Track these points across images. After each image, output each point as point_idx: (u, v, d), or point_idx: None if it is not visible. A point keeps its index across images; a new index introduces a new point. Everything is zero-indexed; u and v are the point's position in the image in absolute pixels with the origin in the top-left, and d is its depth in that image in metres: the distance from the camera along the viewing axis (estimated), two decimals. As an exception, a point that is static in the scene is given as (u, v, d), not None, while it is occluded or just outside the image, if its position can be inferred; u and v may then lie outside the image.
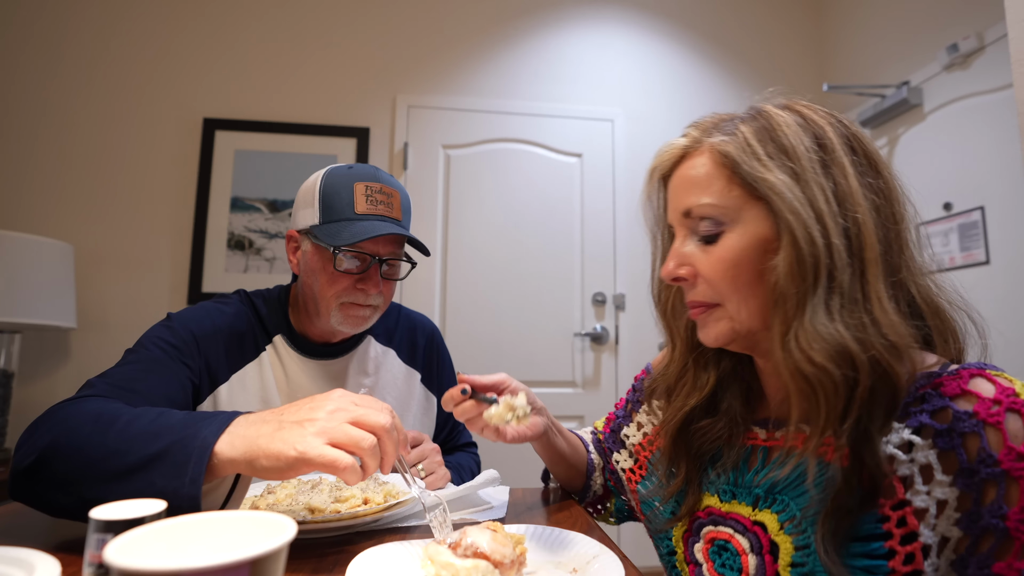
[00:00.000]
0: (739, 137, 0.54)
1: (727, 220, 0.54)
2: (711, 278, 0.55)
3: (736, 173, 0.53)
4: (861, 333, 0.48)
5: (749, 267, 0.53)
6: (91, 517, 0.41)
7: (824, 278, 0.49)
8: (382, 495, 0.71)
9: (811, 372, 0.48)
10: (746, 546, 0.55)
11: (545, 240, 2.48)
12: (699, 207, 0.55)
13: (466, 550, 0.49)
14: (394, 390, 1.03)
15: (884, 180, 0.53)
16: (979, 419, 0.44)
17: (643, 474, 0.73)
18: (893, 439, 0.48)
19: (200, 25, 2.40)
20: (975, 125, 1.97)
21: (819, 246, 0.49)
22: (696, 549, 0.60)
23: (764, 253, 0.52)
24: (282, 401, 0.93)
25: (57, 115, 2.26)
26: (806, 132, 0.53)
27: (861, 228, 0.50)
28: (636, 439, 0.77)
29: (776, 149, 0.52)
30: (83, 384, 0.74)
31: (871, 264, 0.50)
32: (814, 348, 0.48)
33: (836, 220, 0.50)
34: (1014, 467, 0.43)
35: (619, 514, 0.86)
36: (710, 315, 0.57)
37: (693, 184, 0.56)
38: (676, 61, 2.69)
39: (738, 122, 0.56)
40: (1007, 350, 1.81)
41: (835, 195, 0.51)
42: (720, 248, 0.54)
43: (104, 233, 2.23)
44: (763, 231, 0.53)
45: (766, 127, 0.54)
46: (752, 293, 0.54)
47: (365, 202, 0.88)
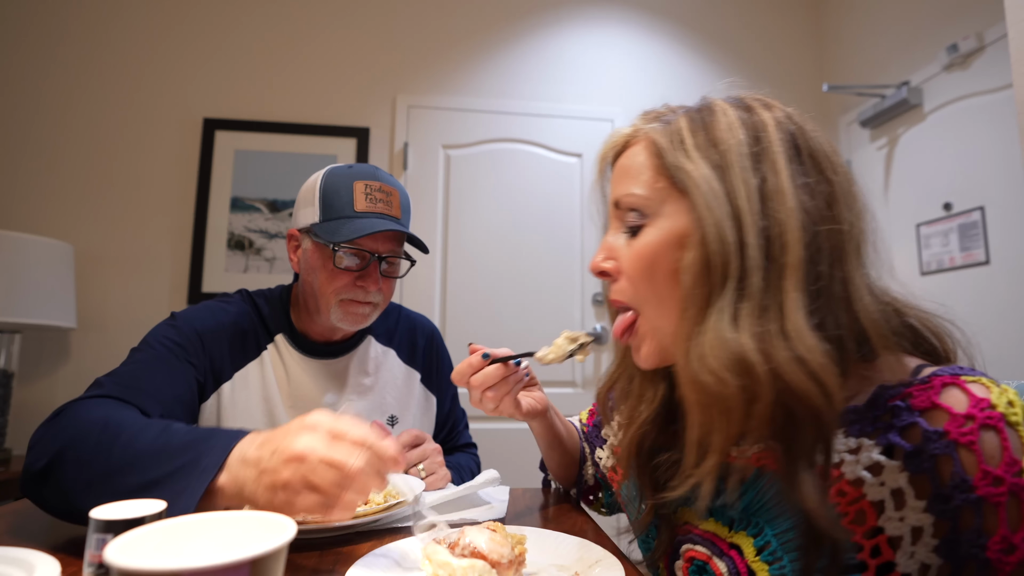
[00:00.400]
0: (672, 127, 0.51)
1: (650, 212, 0.51)
2: (629, 273, 0.52)
3: (662, 163, 0.50)
4: (765, 344, 0.43)
5: (664, 265, 0.49)
6: (91, 517, 0.41)
7: (733, 280, 0.45)
8: (382, 495, 0.71)
9: (708, 381, 0.44)
10: (724, 569, 0.50)
11: (545, 240, 2.48)
12: (625, 197, 0.53)
13: (463, 550, 0.49)
14: (394, 390, 1.03)
15: (829, 183, 0.48)
16: (950, 439, 0.40)
17: (625, 480, 0.68)
18: (862, 458, 0.44)
19: (200, 25, 2.40)
20: (975, 125, 1.97)
21: (730, 244, 0.45)
22: (677, 567, 0.57)
23: (680, 250, 0.48)
24: (283, 399, 0.93)
25: (57, 115, 2.26)
26: (744, 125, 0.49)
27: (783, 229, 0.45)
28: (616, 440, 0.74)
29: (706, 140, 0.49)
30: (92, 383, 0.76)
31: (790, 269, 0.45)
32: (713, 355, 0.44)
33: (756, 219, 0.45)
34: (990, 493, 0.39)
35: (610, 506, 0.85)
36: (634, 336, 0.54)
37: (625, 174, 0.54)
38: (676, 61, 2.69)
39: (680, 112, 0.53)
40: (1007, 350, 1.81)
41: (760, 192, 0.46)
42: (639, 241, 0.51)
43: (104, 233, 2.23)
44: (681, 226, 0.49)
45: (703, 118, 0.51)
46: (669, 295, 0.50)
47: (364, 200, 0.89)
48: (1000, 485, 0.39)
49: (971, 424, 0.40)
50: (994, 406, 0.41)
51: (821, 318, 0.45)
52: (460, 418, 1.16)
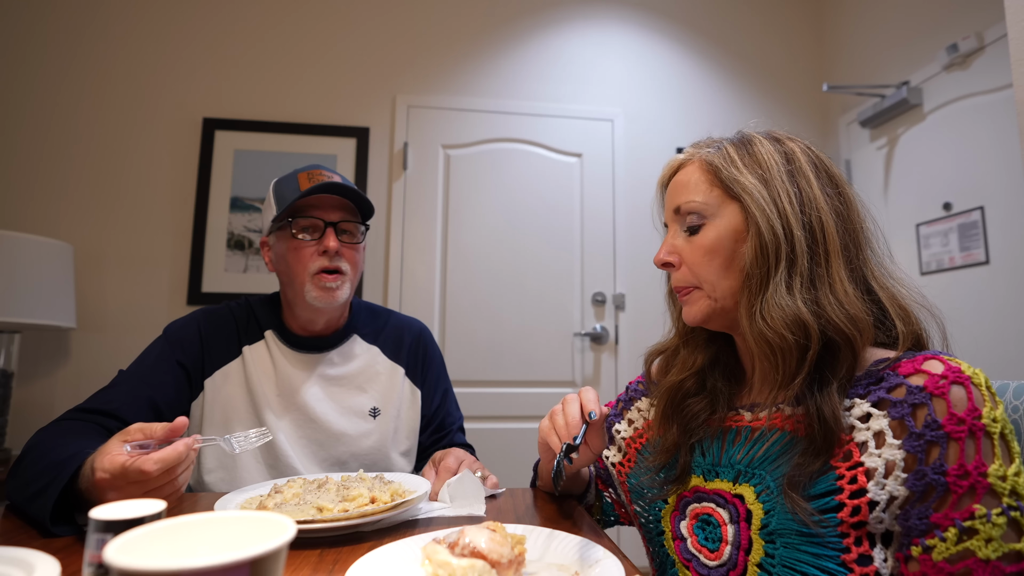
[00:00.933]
0: (723, 151, 0.67)
1: (708, 215, 0.66)
2: (691, 262, 0.67)
3: (717, 177, 0.66)
4: (817, 307, 0.59)
5: (723, 252, 0.65)
6: (91, 517, 0.41)
7: (784, 262, 0.60)
8: (388, 494, 0.72)
9: (771, 337, 0.59)
10: (726, 517, 0.62)
11: (545, 240, 2.48)
12: (686, 204, 0.67)
13: (463, 549, 0.49)
14: (377, 384, 1.09)
15: (844, 197, 0.65)
16: (927, 391, 0.52)
17: (632, 466, 0.79)
18: (855, 412, 0.57)
19: (200, 25, 2.40)
20: (975, 125, 1.97)
21: (780, 236, 0.60)
22: (682, 526, 0.67)
23: (736, 242, 0.64)
24: (270, 389, 1.02)
25: (57, 115, 2.26)
26: (778, 151, 0.65)
27: (823, 224, 0.61)
28: (627, 434, 0.82)
29: (751, 160, 0.65)
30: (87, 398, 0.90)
31: (833, 254, 0.61)
32: (774, 317, 0.59)
33: (798, 217, 0.61)
34: (954, 430, 0.50)
35: (605, 516, 0.89)
36: (691, 296, 0.68)
37: (684, 187, 0.68)
38: (676, 61, 2.69)
39: (725, 142, 0.69)
40: (1007, 350, 1.82)
41: (799, 200, 0.62)
42: (701, 237, 0.66)
43: (104, 233, 2.23)
44: (736, 224, 0.64)
45: (746, 144, 0.67)
46: (725, 275, 0.65)
47: (308, 181, 1.00)
48: (962, 425, 0.50)
49: (944, 381, 0.52)
50: (963, 371, 0.53)
51: (855, 287, 0.61)
52: (454, 419, 1.17)
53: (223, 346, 1.02)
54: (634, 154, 2.59)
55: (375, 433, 1.05)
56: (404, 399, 1.10)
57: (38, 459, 0.73)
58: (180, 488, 0.67)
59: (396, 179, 2.42)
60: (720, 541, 0.62)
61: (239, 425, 0.99)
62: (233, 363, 1.02)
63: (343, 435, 1.03)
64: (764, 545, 0.58)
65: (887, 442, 0.53)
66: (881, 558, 0.53)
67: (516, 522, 0.70)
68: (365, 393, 1.07)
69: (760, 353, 0.61)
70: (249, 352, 1.03)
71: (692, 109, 2.67)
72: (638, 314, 2.49)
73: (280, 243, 1.02)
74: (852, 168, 2.55)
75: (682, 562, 0.66)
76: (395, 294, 2.36)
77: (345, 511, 0.66)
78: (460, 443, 1.15)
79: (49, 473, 0.69)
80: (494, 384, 2.36)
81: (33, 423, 0.75)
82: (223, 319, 1.04)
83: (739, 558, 0.60)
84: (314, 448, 1.02)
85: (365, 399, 1.06)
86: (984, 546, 0.48)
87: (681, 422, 0.71)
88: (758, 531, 0.59)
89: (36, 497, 0.68)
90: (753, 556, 0.59)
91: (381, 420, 1.06)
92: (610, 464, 0.83)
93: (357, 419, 1.05)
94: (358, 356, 1.09)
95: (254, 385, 1.00)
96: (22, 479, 0.73)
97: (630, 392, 0.87)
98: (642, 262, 2.51)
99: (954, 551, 0.49)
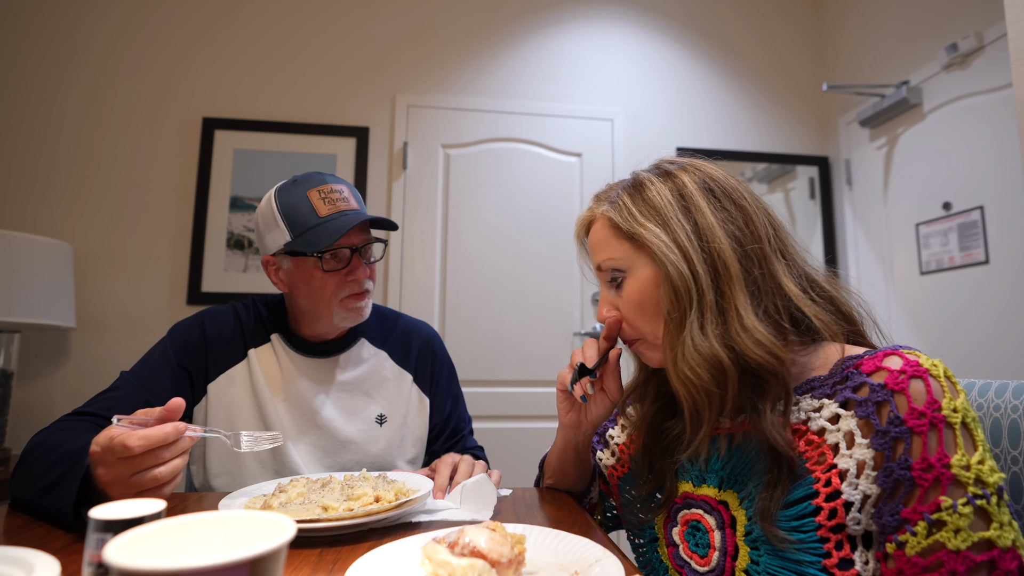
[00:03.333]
0: (619, 204, 0.69)
1: (625, 268, 0.67)
2: (627, 316, 0.69)
3: (620, 231, 0.67)
4: (727, 340, 0.60)
5: (649, 302, 0.66)
6: (91, 517, 0.41)
7: (695, 300, 0.61)
8: (393, 493, 0.72)
9: (691, 377, 0.61)
10: (713, 523, 0.64)
11: (545, 240, 2.48)
12: (604, 262, 0.69)
13: (463, 549, 0.49)
14: (384, 390, 1.07)
15: (740, 209, 0.65)
16: (888, 388, 0.53)
17: (624, 472, 0.80)
18: (824, 413, 0.58)
19: (200, 25, 2.40)
20: (975, 125, 1.98)
21: (686, 276, 0.62)
22: (674, 532, 0.68)
23: (655, 288, 0.65)
24: (275, 394, 1.00)
25: (56, 114, 2.26)
26: (669, 188, 0.66)
27: (720, 255, 0.62)
28: (620, 439, 0.83)
29: (646, 207, 0.66)
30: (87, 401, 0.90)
31: (733, 281, 0.62)
32: (692, 361, 0.60)
33: (699, 253, 0.63)
34: (916, 424, 0.51)
35: (607, 521, 0.89)
36: (640, 347, 0.70)
37: (597, 245, 0.71)
38: (676, 60, 2.69)
39: (619, 190, 0.70)
40: (1007, 350, 1.82)
41: (695, 233, 0.64)
42: (626, 291, 0.68)
43: (103, 233, 2.23)
44: (651, 272, 0.65)
45: (639, 190, 0.68)
46: (658, 323, 0.65)
47: (324, 205, 0.95)
48: (923, 419, 0.51)
49: (903, 376, 0.53)
50: (921, 364, 0.54)
51: (764, 308, 0.62)
52: (465, 422, 1.16)
53: (228, 349, 1.00)
54: (634, 154, 2.59)
55: (381, 440, 1.03)
56: (412, 406, 1.08)
57: (48, 452, 0.73)
58: (169, 476, 0.64)
59: (396, 179, 2.42)
60: (709, 547, 0.63)
61: (243, 430, 0.97)
62: (238, 366, 1.00)
63: (350, 442, 1.01)
64: (750, 552, 0.59)
65: (856, 442, 0.54)
66: (862, 561, 0.53)
67: (516, 522, 0.70)
68: (372, 399, 1.05)
69: (685, 395, 0.62)
70: (255, 355, 1.01)
71: (692, 109, 2.67)
72: (638, 314, 2.48)
73: (297, 269, 0.97)
74: (852, 168, 2.55)
75: (675, 568, 0.67)
76: (395, 294, 2.36)
77: (350, 510, 0.66)
78: (472, 447, 1.15)
79: (65, 462, 0.69)
80: (494, 384, 2.36)
81: (33, 423, 0.76)
82: (229, 321, 1.02)
83: (726, 564, 0.61)
84: (319, 455, 1.00)
85: (372, 405, 1.05)
86: (953, 537, 0.48)
87: (661, 448, 0.71)
88: (743, 537, 0.60)
89: (52, 488, 0.68)
90: (740, 562, 0.60)
91: (387, 427, 1.05)
92: (604, 467, 0.84)
93: (363, 426, 1.03)
94: (366, 361, 1.07)
95: (259, 389, 0.98)
96: (31, 474, 0.73)
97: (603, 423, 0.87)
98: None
99: (925, 544, 0.49)
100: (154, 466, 0.63)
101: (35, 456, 0.75)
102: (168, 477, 0.64)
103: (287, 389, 1.00)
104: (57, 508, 0.67)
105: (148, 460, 0.63)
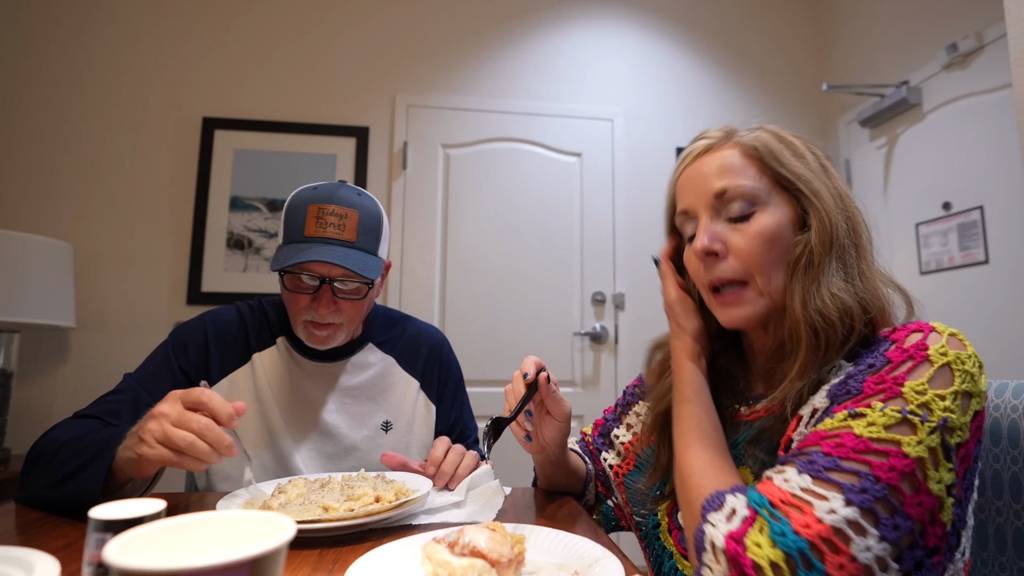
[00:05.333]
0: (763, 137, 0.65)
1: (759, 202, 0.62)
2: (747, 251, 0.62)
3: (766, 164, 0.63)
4: (858, 298, 0.59)
5: (781, 243, 0.61)
6: (90, 517, 0.41)
7: (836, 252, 0.60)
8: (393, 493, 0.72)
9: (822, 327, 0.57)
10: None
11: (545, 240, 2.48)
12: (735, 187, 0.63)
13: (463, 548, 0.49)
14: (390, 396, 1.05)
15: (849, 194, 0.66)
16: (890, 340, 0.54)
17: (630, 468, 0.80)
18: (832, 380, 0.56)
19: (200, 25, 2.40)
20: (974, 125, 1.98)
21: (837, 227, 0.60)
22: (678, 516, 0.67)
23: (793, 232, 0.62)
24: (279, 398, 0.98)
25: (56, 114, 2.26)
26: (804, 145, 0.66)
27: (856, 220, 0.63)
28: (626, 438, 0.84)
29: (792, 153, 0.64)
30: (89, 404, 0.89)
31: (863, 247, 0.62)
32: (829, 306, 0.57)
33: (841, 211, 0.62)
34: (896, 356, 0.51)
35: (606, 521, 0.88)
36: (740, 296, 0.63)
37: (728, 170, 0.64)
38: (676, 60, 2.69)
39: (756, 130, 0.67)
40: (1006, 349, 1.82)
41: (837, 193, 0.63)
42: (754, 226, 0.62)
43: (103, 232, 2.23)
44: (791, 214, 0.62)
45: (778, 137, 0.65)
46: (779, 267, 0.62)
47: (315, 224, 0.90)
48: (904, 354, 0.51)
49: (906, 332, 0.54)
50: (932, 324, 0.53)
51: None
52: (471, 431, 1.15)
53: (231, 352, 0.98)
54: (634, 154, 2.59)
55: (386, 447, 1.02)
56: (418, 414, 1.07)
57: (74, 442, 0.74)
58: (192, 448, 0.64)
59: (396, 179, 2.42)
60: None
61: (245, 435, 0.96)
62: (241, 370, 0.98)
63: (354, 449, 1.00)
64: None
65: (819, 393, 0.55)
66: None
67: (516, 522, 0.70)
68: (378, 406, 1.03)
69: (808, 342, 0.58)
70: (259, 359, 0.99)
71: (692, 109, 2.67)
72: (638, 314, 2.49)
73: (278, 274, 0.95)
74: (852, 168, 2.55)
75: (680, 552, 0.66)
76: (395, 294, 2.36)
77: (350, 510, 0.66)
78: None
79: (92, 449, 0.71)
80: (494, 384, 2.36)
81: (33, 423, 0.76)
82: (233, 323, 0.99)
83: None
84: (323, 461, 0.99)
85: (378, 412, 1.03)
86: (864, 427, 0.47)
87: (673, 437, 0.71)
88: None
89: (78, 471, 0.70)
90: None
91: (393, 434, 1.03)
92: (608, 467, 0.84)
93: (368, 432, 1.02)
94: (372, 366, 1.05)
95: (263, 394, 0.97)
96: (52, 463, 0.73)
97: (627, 397, 0.87)
98: (642, 261, 2.51)
99: (836, 425, 0.49)
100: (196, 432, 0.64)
101: (55, 447, 0.75)
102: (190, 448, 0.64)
103: (292, 394, 0.98)
104: (82, 490, 0.69)
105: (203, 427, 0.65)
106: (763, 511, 0.46)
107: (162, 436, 0.64)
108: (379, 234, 0.96)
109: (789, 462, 0.49)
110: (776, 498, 0.47)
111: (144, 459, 0.65)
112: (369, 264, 0.92)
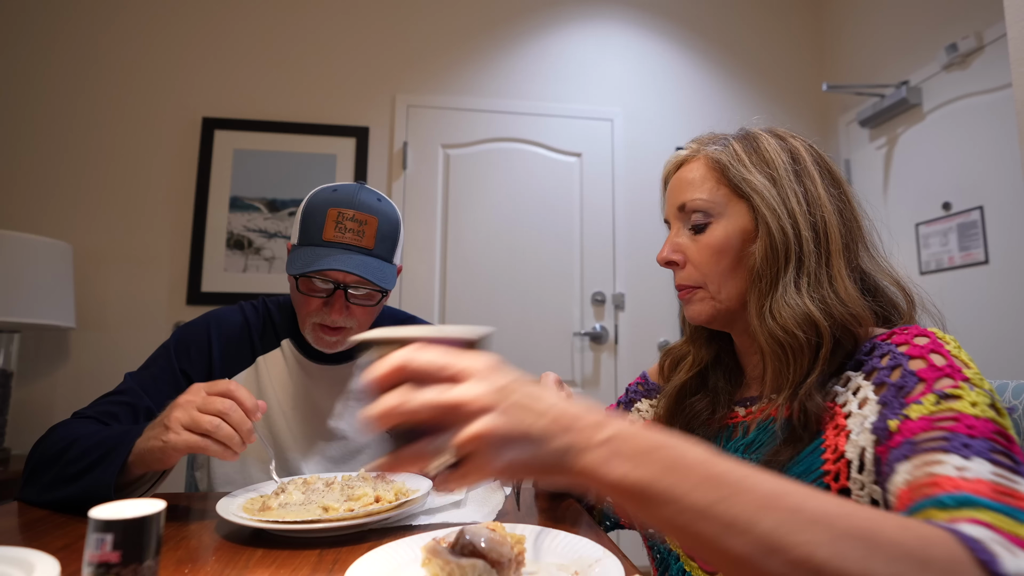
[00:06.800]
0: (729, 148, 0.67)
1: (715, 213, 0.65)
2: (698, 261, 0.66)
3: (724, 175, 0.66)
4: (824, 305, 0.59)
5: (731, 252, 0.64)
6: (91, 517, 0.41)
7: (793, 261, 0.61)
8: (392, 493, 0.72)
9: (782, 336, 0.59)
10: None
11: (545, 240, 2.48)
12: (692, 201, 0.67)
13: (463, 549, 0.49)
14: None
15: (844, 193, 0.66)
16: (907, 355, 0.53)
17: None
18: (850, 385, 0.57)
19: (199, 25, 2.40)
20: (974, 125, 1.98)
21: (789, 236, 0.61)
22: None
23: (744, 242, 0.64)
24: (283, 401, 0.96)
25: (56, 114, 2.26)
26: (783, 149, 0.66)
27: (827, 224, 0.62)
28: (648, 415, 0.83)
29: (759, 159, 0.65)
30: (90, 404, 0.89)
31: (835, 253, 0.62)
32: (784, 316, 0.59)
33: (806, 217, 0.62)
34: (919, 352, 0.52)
35: (606, 520, 0.88)
36: (694, 296, 0.68)
37: (689, 184, 0.68)
38: (676, 61, 2.69)
39: (730, 138, 0.69)
40: (1006, 350, 1.82)
41: (805, 198, 0.63)
42: (707, 236, 0.66)
43: (103, 232, 2.23)
44: (744, 223, 0.64)
45: (752, 142, 0.67)
46: (731, 276, 0.65)
47: (333, 229, 0.89)
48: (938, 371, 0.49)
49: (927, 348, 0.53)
50: (946, 341, 0.54)
51: (857, 285, 0.63)
52: None
53: (234, 354, 0.96)
54: (634, 154, 2.59)
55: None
56: None
57: (82, 440, 0.74)
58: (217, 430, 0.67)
59: (396, 179, 2.42)
60: None
61: None
62: (244, 373, 0.96)
63: (359, 453, 1.00)
64: None
65: (868, 400, 0.54)
66: None
67: (516, 522, 0.70)
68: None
69: (771, 353, 0.60)
70: (263, 362, 0.97)
71: (692, 109, 2.67)
72: (638, 314, 2.49)
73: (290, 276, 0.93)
74: (852, 168, 2.55)
75: (687, 554, 0.66)
76: (395, 294, 2.36)
77: (351, 511, 0.66)
78: None
79: (107, 444, 0.72)
80: (494, 384, 2.35)
81: (33, 423, 0.76)
82: (237, 324, 0.98)
83: None
84: (328, 465, 0.98)
85: None
86: (970, 407, 0.45)
87: (683, 421, 0.72)
88: None
89: (90, 469, 0.71)
90: None
91: None
92: None
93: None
94: None
95: (267, 398, 0.95)
96: (60, 461, 0.74)
97: (629, 394, 0.88)
98: (642, 262, 2.51)
99: (935, 409, 0.46)
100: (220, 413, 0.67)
101: (64, 445, 0.75)
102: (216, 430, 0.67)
103: (296, 397, 0.97)
104: (94, 485, 0.70)
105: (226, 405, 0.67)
106: (1006, 516, 0.36)
107: (189, 421, 0.66)
108: (396, 241, 0.95)
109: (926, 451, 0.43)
110: (994, 494, 0.38)
111: (170, 446, 0.67)
112: (385, 273, 0.91)
